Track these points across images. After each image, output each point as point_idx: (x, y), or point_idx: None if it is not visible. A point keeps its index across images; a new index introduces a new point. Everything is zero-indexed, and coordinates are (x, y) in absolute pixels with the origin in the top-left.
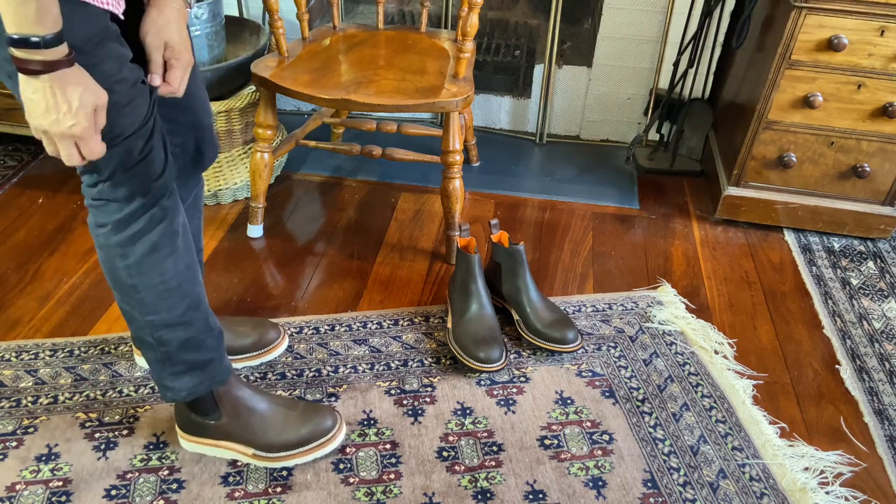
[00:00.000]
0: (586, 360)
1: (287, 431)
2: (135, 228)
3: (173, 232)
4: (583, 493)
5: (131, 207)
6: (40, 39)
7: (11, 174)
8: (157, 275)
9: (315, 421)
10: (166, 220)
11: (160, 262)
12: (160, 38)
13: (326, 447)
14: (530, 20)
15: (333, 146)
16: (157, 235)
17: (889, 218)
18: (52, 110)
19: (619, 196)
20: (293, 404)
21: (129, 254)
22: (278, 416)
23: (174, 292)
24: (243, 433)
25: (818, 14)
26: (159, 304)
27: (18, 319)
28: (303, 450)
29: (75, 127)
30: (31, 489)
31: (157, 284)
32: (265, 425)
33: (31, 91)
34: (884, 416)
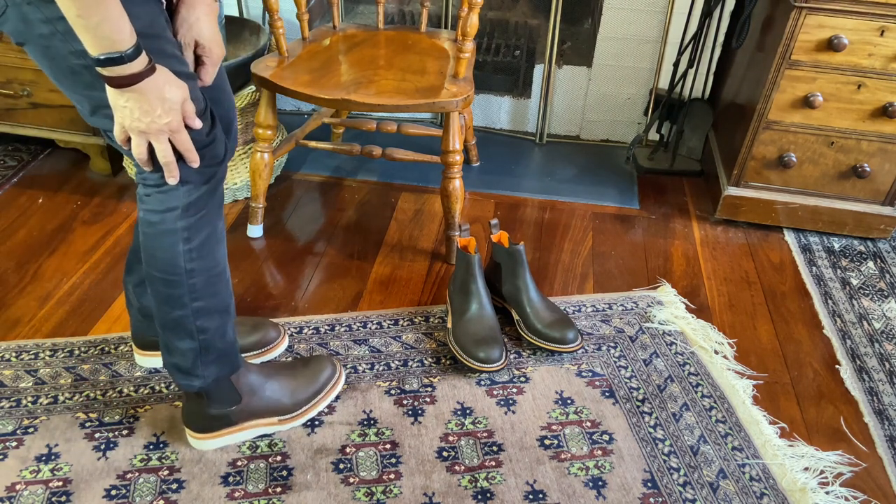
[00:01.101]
0: (586, 360)
1: (299, 391)
2: (203, 212)
3: (222, 218)
4: (583, 493)
5: (200, 192)
6: (122, 55)
7: (11, 174)
8: (211, 259)
9: (319, 373)
10: (221, 206)
11: (216, 246)
12: (191, 35)
13: (334, 391)
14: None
15: (333, 146)
16: (218, 220)
17: (889, 218)
18: (148, 113)
19: (619, 196)
20: (294, 366)
21: (193, 237)
22: (288, 381)
23: (221, 278)
24: (265, 407)
25: (818, 14)
26: (208, 290)
27: (18, 319)
28: (316, 400)
29: (172, 122)
30: (31, 489)
31: (211, 269)
32: (281, 394)
33: (124, 101)
34: (884, 416)
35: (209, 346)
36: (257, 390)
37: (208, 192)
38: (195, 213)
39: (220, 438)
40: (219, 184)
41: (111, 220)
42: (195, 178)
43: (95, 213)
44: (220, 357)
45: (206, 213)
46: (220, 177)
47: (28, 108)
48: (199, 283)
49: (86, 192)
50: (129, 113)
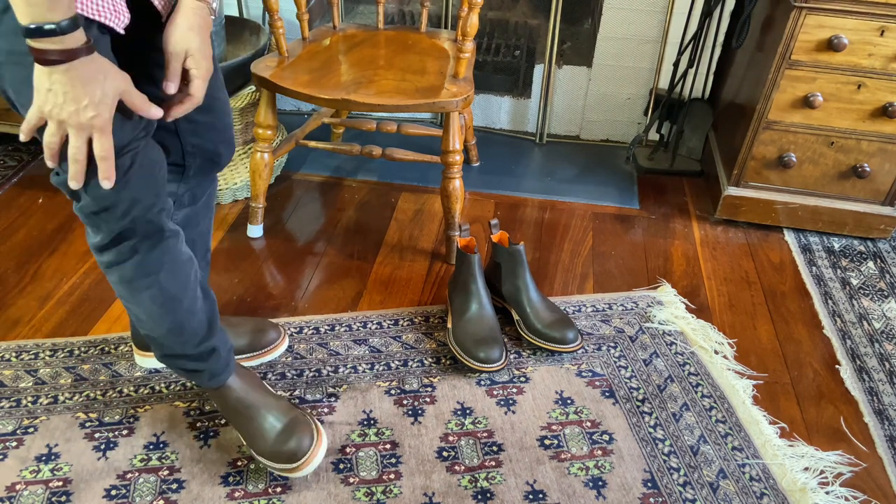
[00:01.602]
0: (586, 360)
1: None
2: (106, 258)
3: (149, 269)
4: (583, 493)
5: (99, 237)
6: (55, 26)
7: (11, 174)
8: (134, 302)
9: (296, 439)
10: (139, 256)
11: (136, 292)
12: (181, 46)
13: (297, 473)
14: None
15: (333, 146)
16: (130, 270)
17: (889, 218)
18: (72, 102)
19: (619, 196)
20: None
21: (108, 275)
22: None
23: (154, 318)
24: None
25: (818, 14)
26: (144, 321)
27: (18, 319)
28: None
29: (96, 118)
30: (31, 489)
31: (135, 308)
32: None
33: (49, 83)
34: (884, 416)
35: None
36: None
37: (112, 242)
38: (101, 255)
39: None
40: (133, 237)
41: None
42: (90, 221)
43: None
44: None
45: (114, 261)
46: (132, 231)
47: None
48: (132, 309)
49: None
50: (52, 98)
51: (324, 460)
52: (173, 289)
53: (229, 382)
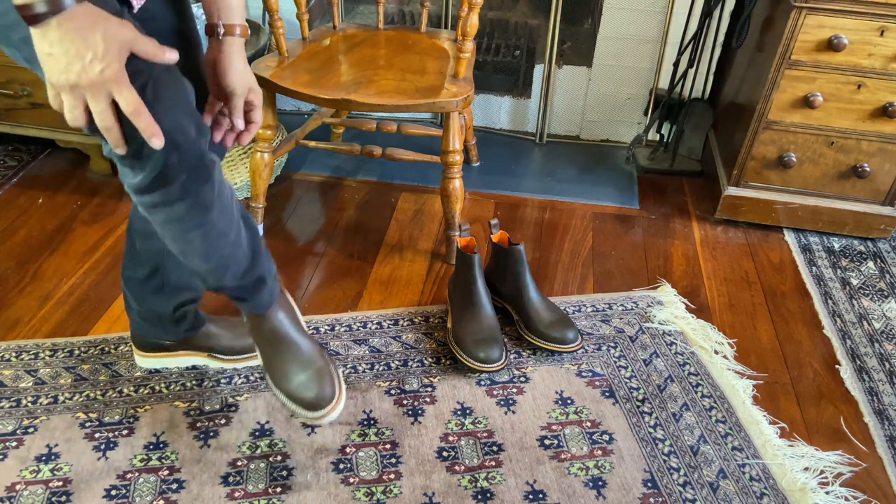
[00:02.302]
0: (586, 360)
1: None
2: (151, 200)
3: (203, 206)
4: (583, 493)
5: (140, 176)
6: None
7: (11, 174)
8: (182, 241)
9: (318, 387)
10: (189, 199)
11: (186, 232)
12: (244, 85)
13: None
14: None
15: (333, 146)
16: (182, 209)
17: (889, 218)
18: (76, 60)
19: (619, 196)
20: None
21: (152, 215)
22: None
23: (203, 255)
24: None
25: (818, 14)
26: (190, 257)
27: (18, 319)
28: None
29: (107, 70)
30: (31, 489)
31: (184, 247)
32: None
33: (48, 45)
34: (884, 416)
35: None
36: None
37: (154, 184)
38: (143, 197)
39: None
40: (177, 178)
41: (111, 220)
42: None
43: (95, 213)
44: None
45: (161, 202)
46: (176, 172)
47: (28, 108)
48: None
49: (86, 192)
50: (55, 63)
51: (324, 460)
52: (222, 224)
53: (269, 313)
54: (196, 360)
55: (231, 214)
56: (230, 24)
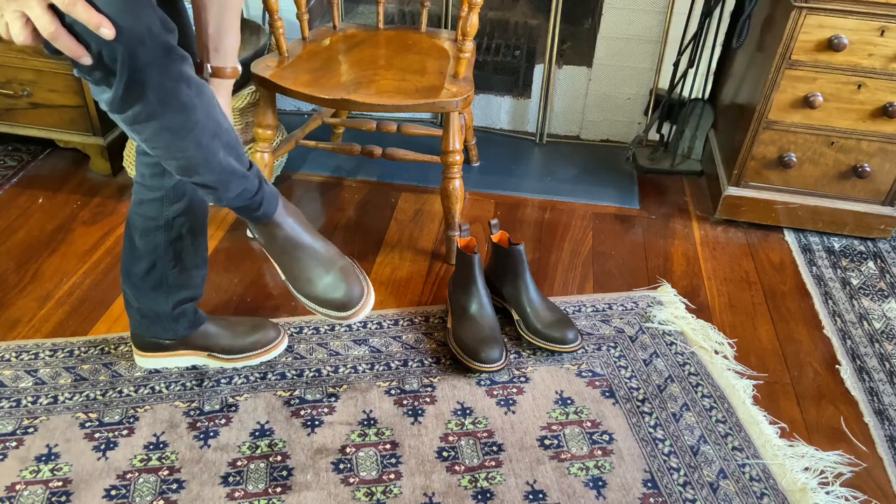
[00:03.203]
0: (586, 360)
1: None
2: (132, 112)
3: (182, 107)
4: (583, 493)
5: (118, 87)
6: None
7: (11, 174)
8: (178, 150)
9: (346, 287)
10: (169, 100)
11: (178, 142)
12: None
13: (345, 321)
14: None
15: (333, 146)
16: (165, 115)
17: (889, 218)
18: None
19: (619, 196)
20: (333, 259)
21: (139, 132)
22: (315, 262)
23: (200, 164)
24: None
25: (818, 14)
26: (185, 172)
27: (18, 319)
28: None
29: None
30: (31, 489)
31: (178, 157)
32: (299, 266)
33: None
34: (884, 416)
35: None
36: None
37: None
38: (124, 111)
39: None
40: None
41: (111, 220)
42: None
43: (95, 213)
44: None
45: (140, 113)
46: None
47: (28, 108)
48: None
49: (86, 192)
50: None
51: (324, 460)
52: (211, 124)
53: (277, 218)
54: (195, 359)
55: (217, 114)
56: (220, 66)
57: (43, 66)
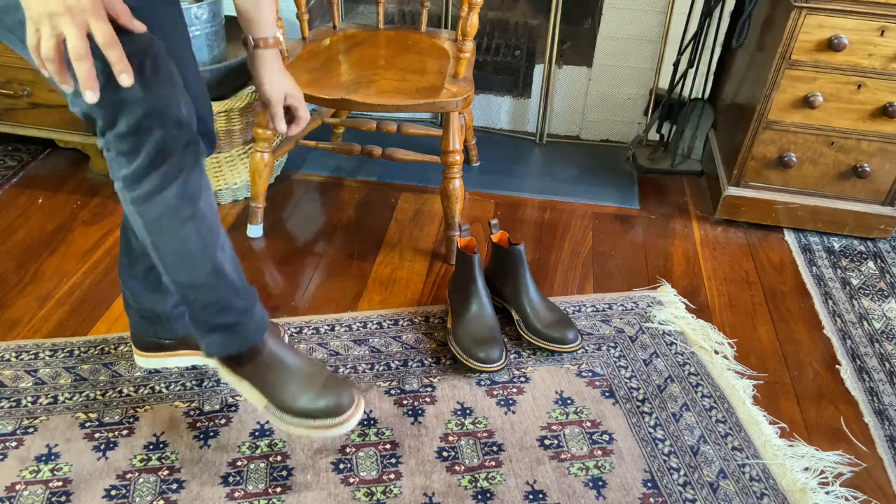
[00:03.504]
0: (586, 360)
1: (303, 397)
2: (146, 187)
3: (193, 193)
4: (583, 493)
5: (139, 162)
6: None
7: (11, 174)
8: (176, 238)
9: (335, 395)
10: (181, 179)
11: (179, 225)
12: (280, 91)
13: (337, 429)
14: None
15: (333, 146)
16: (174, 197)
17: (889, 218)
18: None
19: (619, 196)
20: (319, 371)
21: (144, 212)
22: (300, 377)
23: (197, 257)
24: (262, 384)
25: (818, 14)
26: (181, 267)
27: (18, 319)
28: (314, 423)
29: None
30: (31, 489)
31: (177, 247)
32: (284, 382)
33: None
34: (884, 417)
35: (198, 317)
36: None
37: (153, 163)
38: (138, 188)
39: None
40: (175, 152)
41: (111, 220)
42: (128, 146)
43: (95, 213)
44: (220, 331)
45: (157, 188)
46: (174, 145)
47: (28, 108)
48: (167, 258)
49: (86, 192)
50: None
51: (324, 460)
52: (211, 216)
53: (266, 338)
54: (195, 359)
55: (216, 213)
56: (259, 37)
57: None
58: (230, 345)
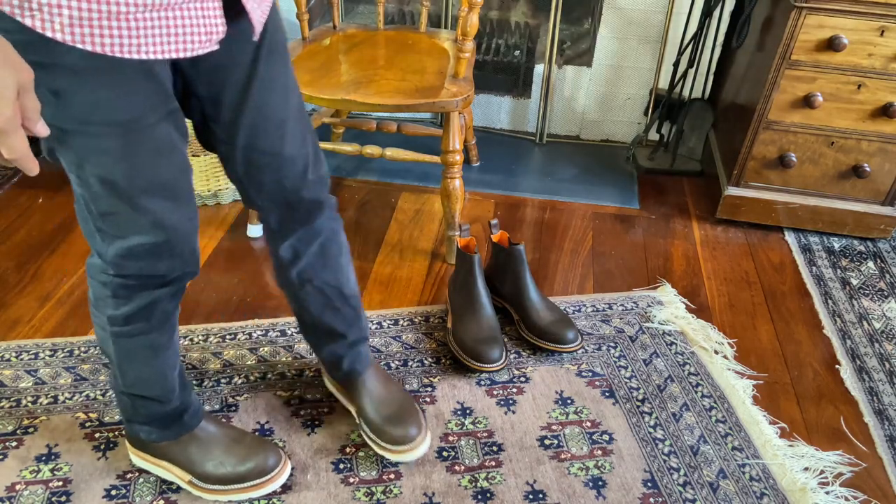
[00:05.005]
0: (586, 360)
1: (226, 465)
2: (130, 330)
3: (171, 328)
4: (583, 493)
5: (129, 307)
6: None
7: (11, 174)
8: (145, 366)
9: (258, 458)
10: (170, 318)
11: (152, 358)
12: None
13: (263, 488)
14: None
15: (333, 146)
16: (157, 336)
17: (889, 218)
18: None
19: (619, 196)
20: (240, 437)
21: (122, 345)
22: (220, 446)
23: (156, 379)
24: (181, 458)
25: (818, 14)
26: (138, 384)
27: (18, 319)
28: (237, 487)
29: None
30: (31, 489)
31: (141, 372)
32: (205, 454)
33: None
34: (884, 416)
35: (137, 414)
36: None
37: (143, 309)
38: (123, 326)
39: (142, 461)
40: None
41: None
42: (119, 285)
43: None
44: (154, 427)
45: (142, 329)
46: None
47: None
48: (128, 376)
49: None
50: None
51: (324, 460)
52: (175, 343)
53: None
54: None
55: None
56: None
57: None
58: (160, 437)
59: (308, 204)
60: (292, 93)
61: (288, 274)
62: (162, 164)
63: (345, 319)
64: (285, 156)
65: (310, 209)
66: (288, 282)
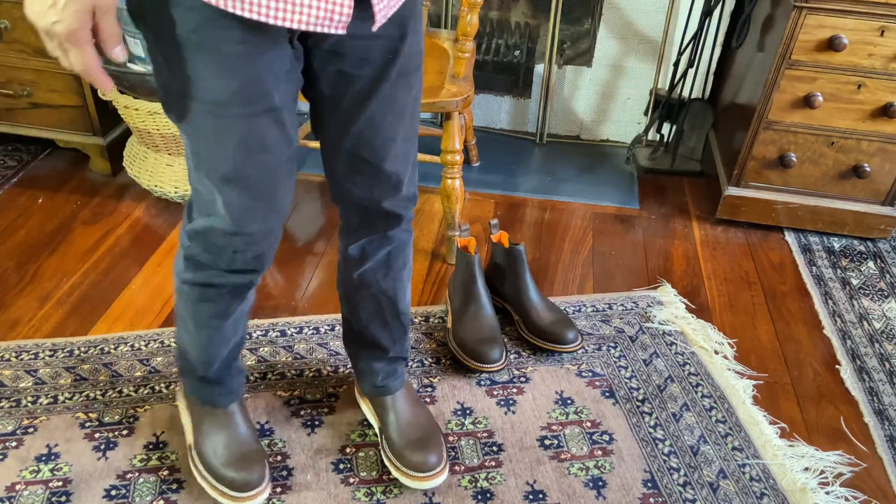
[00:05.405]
0: (586, 360)
1: (217, 457)
2: (188, 293)
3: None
4: (583, 493)
5: (190, 275)
6: None
7: (11, 174)
8: (186, 331)
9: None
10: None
11: (196, 327)
12: None
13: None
14: (530, 20)
15: None
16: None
17: (889, 218)
18: (36, 1)
19: (619, 196)
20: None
21: (178, 300)
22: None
23: (196, 345)
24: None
25: (818, 14)
26: (182, 340)
27: (18, 319)
28: (218, 488)
29: (58, 25)
30: (31, 489)
31: (185, 332)
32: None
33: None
34: (884, 417)
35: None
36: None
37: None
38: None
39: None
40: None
41: (111, 220)
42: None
43: (95, 213)
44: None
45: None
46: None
47: (28, 108)
48: (180, 331)
49: (86, 192)
50: (28, 4)
51: (324, 460)
52: (230, 332)
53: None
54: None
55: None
56: None
57: (43, 66)
58: (193, 392)
59: (391, 216)
60: (410, 115)
61: (350, 274)
62: (247, 160)
63: (391, 334)
64: (384, 170)
65: (390, 220)
66: (348, 282)
